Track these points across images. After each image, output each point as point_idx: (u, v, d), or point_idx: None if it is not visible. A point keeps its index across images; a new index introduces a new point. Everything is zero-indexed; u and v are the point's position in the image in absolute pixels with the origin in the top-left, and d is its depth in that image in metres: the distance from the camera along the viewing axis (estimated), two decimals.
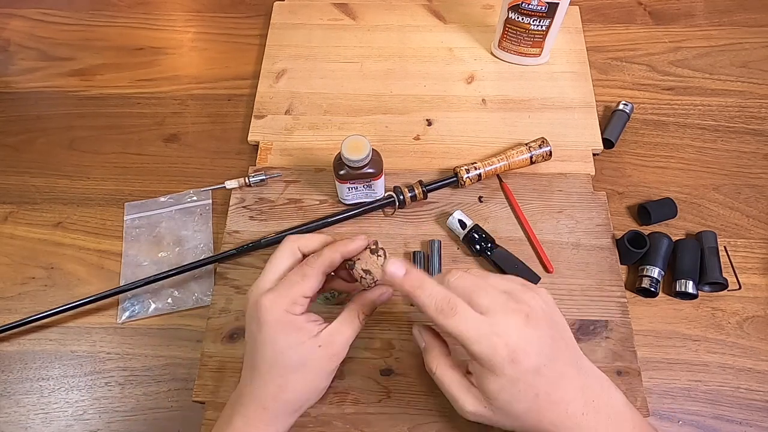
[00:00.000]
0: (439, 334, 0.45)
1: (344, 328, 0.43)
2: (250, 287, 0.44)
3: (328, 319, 0.55)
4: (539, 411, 0.38)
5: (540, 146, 0.62)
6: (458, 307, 0.38)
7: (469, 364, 0.41)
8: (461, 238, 0.58)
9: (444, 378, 0.42)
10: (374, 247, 0.45)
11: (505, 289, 0.40)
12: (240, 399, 0.42)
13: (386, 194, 0.60)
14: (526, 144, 0.63)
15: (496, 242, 0.57)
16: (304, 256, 0.45)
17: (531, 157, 0.62)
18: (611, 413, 0.40)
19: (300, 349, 0.41)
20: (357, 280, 0.45)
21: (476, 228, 0.57)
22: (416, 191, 0.59)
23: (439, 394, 0.51)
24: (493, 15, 0.75)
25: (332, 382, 0.51)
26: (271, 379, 0.42)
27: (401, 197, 0.59)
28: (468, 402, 0.40)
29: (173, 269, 0.56)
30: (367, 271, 0.44)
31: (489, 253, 0.56)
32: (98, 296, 0.55)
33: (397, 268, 0.40)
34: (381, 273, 0.43)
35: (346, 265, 0.45)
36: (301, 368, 0.42)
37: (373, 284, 0.45)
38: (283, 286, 0.42)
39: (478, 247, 0.56)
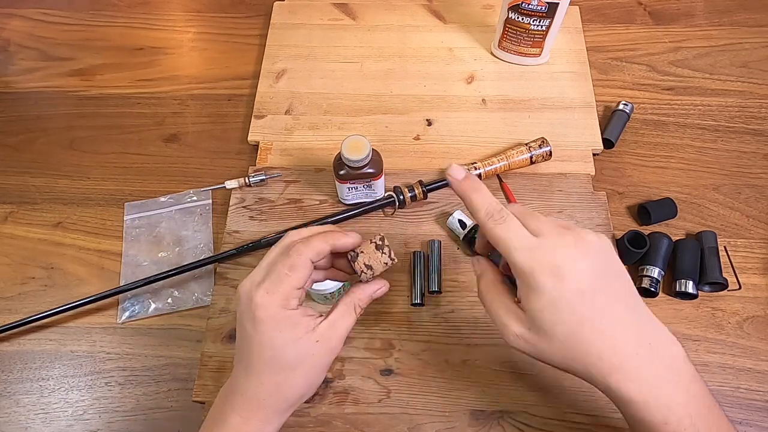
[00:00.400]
0: (494, 265, 0.44)
1: (341, 322, 0.42)
2: (241, 282, 0.42)
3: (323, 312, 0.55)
4: (583, 339, 0.35)
5: (540, 146, 0.62)
6: (509, 217, 0.38)
7: (518, 290, 0.39)
8: (461, 238, 0.58)
9: (492, 301, 0.40)
10: (380, 243, 0.44)
11: (561, 223, 0.39)
12: (233, 396, 0.42)
13: (386, 194, 0.60)
14: (526, 144, 0.63)
15: None
16: None
17: (531, 157, 0.62)
18: (670, 362, 0.36)
19: (297, 345, 0.40)
20: (356, 273, 0.44)
21: (476, 228, 0.57)
22: (416, 191, 0.59)
23: (439, 394, 0.51)
24: (493, 15, 0.75)
25: (332, 382, 0.52)
26: (267, 376, 0.41)
27: (401, 197, 0.59)
28: (513, 323, 0.38)
29: (173, 269, 0.56)
30: (368, 266, 0.44)
31: (489, 253, 0.56)
32: (98, 296, 0.55)
33: (457, 171, 0.40)
34: (382, 268, 0.43)
35: (348, 255, 0.44)
36: (299, 365, 0.41)
37: (372, 279, 0.44)
38: (272, 281, 0.40)
39: None
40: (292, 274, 0.40)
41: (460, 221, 0.58)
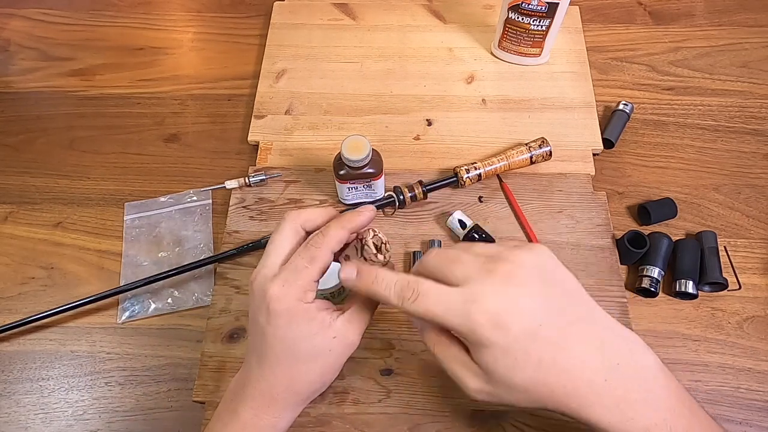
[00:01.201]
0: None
1: (358, 316, 0.40)
2: (253, 273, 0.40)
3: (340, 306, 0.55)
4: (546, 381, 0.34)
5: (540, 146, 0.62)
6: (420, 287, 0.35)
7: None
8: (461, 238, 0.58)
9: (442, 356, 0.38)
10: (380, 241, 0.43)
11: (489, 254, 0.36)
12: (245, 389, 0.41)
13: (386, 194, 0.60)
14: (526, 144, 0.63)
15: (496, 242, 0.57)
16: (308, 233, 0.42)
17: (531, 157, 0.62)
18: (643, 379, 0.35)
19: (314, 340, 0.39)
20: (366, 260, 0.42)
21: (476, 228, 0.57)
22: (416, 191, 0.59)
23: (439, 394, 0.51)
24: (493, 15, 0.75)
25: (332, 381, 0.51)
26: (281, 371, 0.39)
27: (401, 197, 0.59)
28: (469, 379, 0.36)
29: (173, 269, 0.56)
30: (379, 248, 0.42)
31: None
32: (98, 296, 0.55)
33: (348, 272, 0.39)
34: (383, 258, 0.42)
35: (355, 247, 0.43)
36: (314, 359, 0.39)
37: (385, 262, 0.42)
38: (290, 273, 0.38)
39: None
40: (311, 267, 0.38)
41: (460, 221, 0.58)
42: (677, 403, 0.35)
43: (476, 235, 0.56)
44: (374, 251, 0.41)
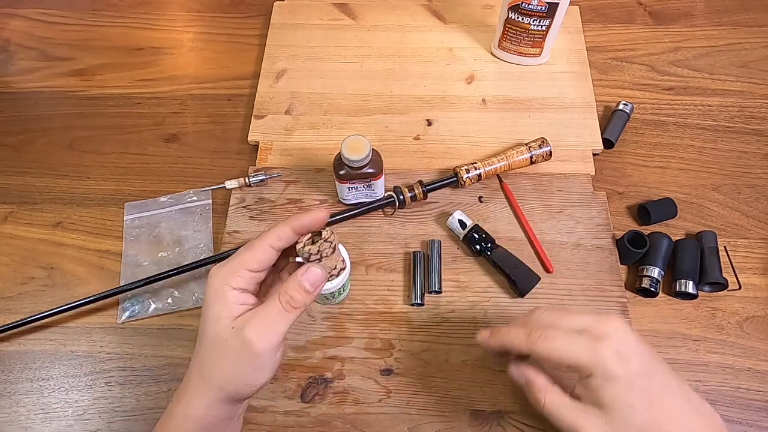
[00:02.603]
0: (538, 368, 0.42)
1: (263, 314, 0.37)
2: None
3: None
4: (659, 422, 0.37)
5: (540, 146, 0.62)
6: (549, 330, 0.39)
7: (576, 387, 0.39)
8: (461, 238, 0.58)
9: (556, 407, 0.39)
10: (329, 234, 0.41)
11: (589, 313, 0.41)
12: (185, 375, 0.40)
13: (386, 194, 0.60)
14: (526, 144, 0.63)
15: (496, 242, 0.57)
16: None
17: (531, 157, 0.62)
18: (715, 424, 0.39)
19: (217, 324, 0.38)
20: (297, 253, 0.40)
21: (476, 228, 0.57)
22: (416, 191, 0.59)
23: (439, 394, 0.51)
24: (493, 15, 0.75)
25: (332, 382, 0.51)
26: (199, 349, 0.39)
27: (401, 197, 0.59)
28: (588, 423, 0.38)
29: (173, 269, 0.56)
30: (318, 252, 0.39)
31: (489, 252, 0.56)
32: (98, 296, 0.55)
33: (482, 337, 0.43)
34: (334, 265, 0.40)
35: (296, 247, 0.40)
36: (216, 345, 0.38)
37: (313, 262, 0.40)
38: (230, 258, 0.39)
39: (478, 247, 0.56)
40: (246, 253, 0.39)
41: (460, 221, 0.58)
42: None
43: (476, 235, 0.56)
44: (311, 253, 0.39)
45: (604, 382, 0.37)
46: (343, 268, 0.43)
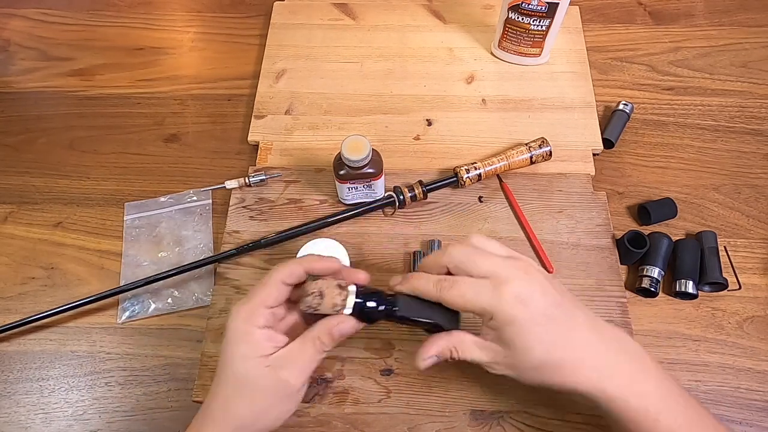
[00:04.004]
0: (444, 339, 0.43)
1: (299, 355, 0.40)
2: None
3: None
4: (558, 353, 0.39)
5: (540, 146, 0.62)
6: (456, 279, 0.41)
7: (482, 329, 0.41)
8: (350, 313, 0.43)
9: (463, 345, 0.41)
10: (343, 284, 0.41)
11: (505, 254, 0.42)
12: (200, 410, 0.41)
13: (386, 194, 0.60)
14: (526, 144, 0.63)
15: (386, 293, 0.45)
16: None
17: (531, 157, 0.62)
18: (638, 359, 0.40)
19: (246, 364, 0.39)
20: (303, 296, 0.41)
21: (363, 294, 0.43)
22: (416, 191, 0.59)
23: (439, 394, 0.51)
24: (493, 15, 0.75)
25: (332, 382, 0.51)
26: (220, 390, 0.40)
27: (401, 197, 0.59)
28: (489, 356, 0.41)
29: (173, 269, 0.56)
30: (320, 294, 0.40)
31: (395, 308, 0.43)
32: (98, 296, 0.55)
33: (394, 281, 0.44)
34: (330, 308, 0.41)
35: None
36: (244, 386, 0.40)
37: (313, 310, 0.41)
38: (247, 296, 0.42)
39: (381, 309, 0.43)
40: (261, 290, 0.41)
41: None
42: (663, 375, 0.40)
43: (369, 303, 0.43)
44: (314, 290, 0.40)
45: (503, 325, 0.39)
46: (343, 307, 0.42)
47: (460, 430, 0.49)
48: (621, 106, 0.68)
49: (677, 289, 0.56)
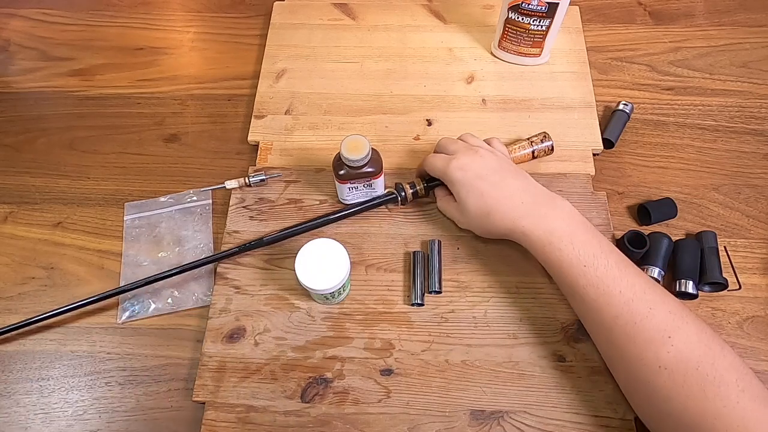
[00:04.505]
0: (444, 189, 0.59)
1: None
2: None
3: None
4: (488, 205, 0.52)
5: (542, 141, 0.62)
6: (434, 155, 0.57)
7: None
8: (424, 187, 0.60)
9: (444, 204, 0.59)
10: None
11: (474, 144, 0.57)
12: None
13: (387, 190, 0.60)
14: (528, 138, 0.63)
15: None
16: None
17: (533, 152, 0.62)
18: (552, 205, 0.52)
19: None
20: None
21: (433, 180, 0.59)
22: (418, 187, 0.59)
23: (439, 394, 0.51)
24: (493, 15, 0.75)
25: (332, 382, 0.52)
26: None
27: (402, 194, 0.59)
28: (452, 209, 0.57)
29: (173, 269, 0.56)
30: None
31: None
32: (98, 296, 0.55)
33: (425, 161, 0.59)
34: None
35: None
36: None
37: None
38: None
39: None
40: None
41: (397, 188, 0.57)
42: (579, 223, 0.51)
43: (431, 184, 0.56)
44: None
45: (451, 185, 0.55)
46: None
47: (460, 430, 0.49)
48: (621, 106, 0.68)
49: (677, 289, 0.56)
